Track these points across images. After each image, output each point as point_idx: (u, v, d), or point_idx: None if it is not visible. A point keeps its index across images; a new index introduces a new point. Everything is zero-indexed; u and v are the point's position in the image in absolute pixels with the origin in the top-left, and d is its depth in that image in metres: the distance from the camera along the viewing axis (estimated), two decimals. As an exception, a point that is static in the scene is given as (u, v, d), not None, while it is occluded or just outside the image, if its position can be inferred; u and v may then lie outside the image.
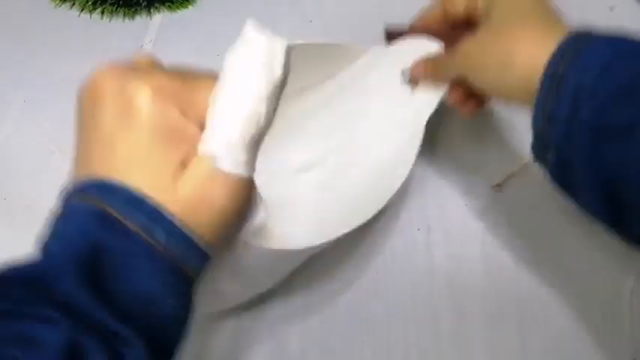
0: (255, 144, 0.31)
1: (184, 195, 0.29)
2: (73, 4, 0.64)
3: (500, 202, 0.50)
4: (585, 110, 0.32)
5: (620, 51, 0.32)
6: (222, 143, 0.30)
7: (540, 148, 0.35)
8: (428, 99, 0.45)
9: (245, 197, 0.31)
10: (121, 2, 0.63)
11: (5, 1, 0.70)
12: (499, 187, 0.50)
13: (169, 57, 0.34)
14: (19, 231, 0.48)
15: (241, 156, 0.30)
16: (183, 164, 0.30)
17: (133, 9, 0.63)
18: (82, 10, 0.64)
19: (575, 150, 0.32)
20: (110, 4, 0.63)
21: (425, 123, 0.45)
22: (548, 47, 0.34)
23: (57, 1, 0.65)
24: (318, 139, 0.49)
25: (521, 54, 0.35)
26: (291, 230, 0.41)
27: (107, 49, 0.60)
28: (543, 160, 0.35)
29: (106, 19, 0.63)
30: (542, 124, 0.34)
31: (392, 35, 0.48)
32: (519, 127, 0.52)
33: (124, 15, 0.63)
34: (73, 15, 0.64)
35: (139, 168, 0.29)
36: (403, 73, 0.46)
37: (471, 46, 0.39)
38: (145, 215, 0.28)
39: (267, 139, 0.32)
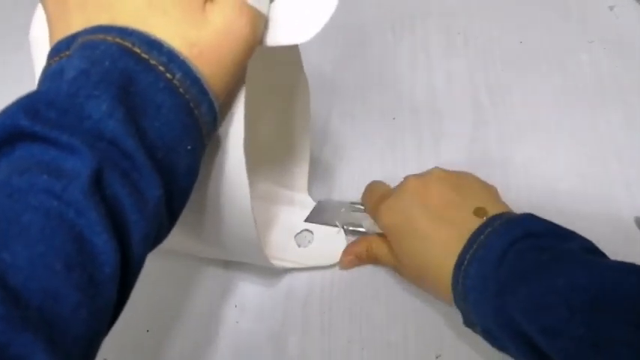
0: None
1: (214, 25, 0.30)
2: (74, 4, 0.65)
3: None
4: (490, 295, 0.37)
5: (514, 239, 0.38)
6: None
7: (468, 323, 0.41)
8: None
9: (259, 35, 0.32)
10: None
11: (6, 1, 0.70)
12: None
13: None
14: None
15: None
16: None
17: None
18: (83, 10, 0.64)
19: (491, 324, 0.38)
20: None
21: None
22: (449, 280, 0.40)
23: (58, 1, 0.65)
24: None
25: (428, 280, 0.43)
26: None
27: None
28: (474, 330, 0.40)
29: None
30: (462, 305, 0.40)
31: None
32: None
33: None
34: (73, 15, 0.64)
35: (158, 13, 0.29)
36: None
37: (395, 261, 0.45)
38: (164, 55, 0.28)
39: None
